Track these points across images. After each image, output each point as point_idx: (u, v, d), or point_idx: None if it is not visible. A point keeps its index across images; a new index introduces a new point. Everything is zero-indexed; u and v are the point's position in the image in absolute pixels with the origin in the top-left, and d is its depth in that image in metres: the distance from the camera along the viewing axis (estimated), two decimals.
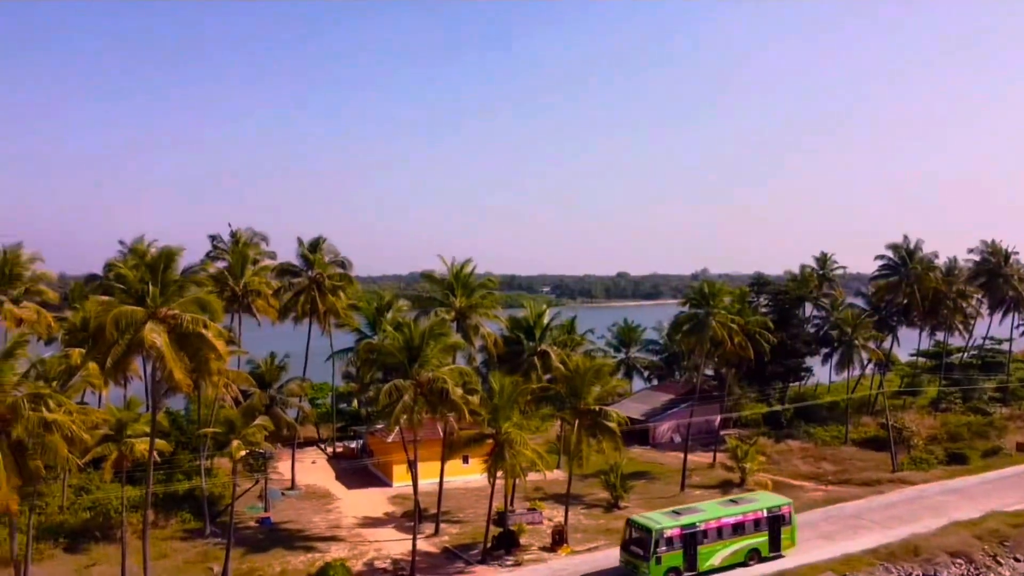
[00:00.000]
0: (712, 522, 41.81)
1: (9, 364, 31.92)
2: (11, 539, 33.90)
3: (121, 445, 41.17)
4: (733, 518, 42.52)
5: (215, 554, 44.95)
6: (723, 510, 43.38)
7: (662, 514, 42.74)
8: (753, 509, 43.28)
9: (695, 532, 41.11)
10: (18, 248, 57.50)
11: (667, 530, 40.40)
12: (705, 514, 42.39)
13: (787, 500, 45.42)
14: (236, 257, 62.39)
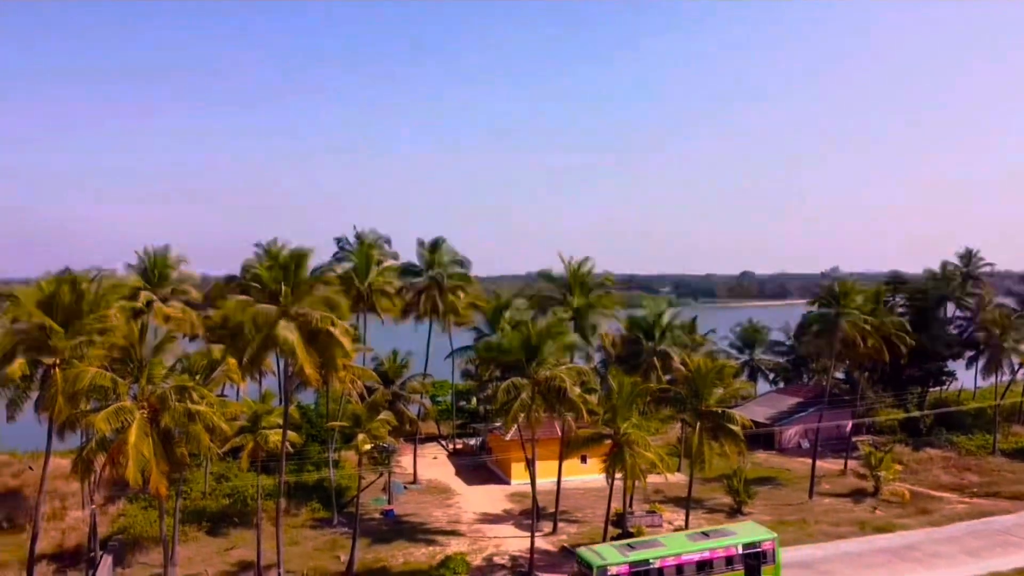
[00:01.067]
0: (670, 559, 36.91)
1: (159, 358, 34.34)
2: (161, 520, 36.42)
3: (256, 436, 43.47)
4: (698, 554, 37.51)
5: (342, 543, 46.74)
6: (688, 544, 38.34)
7: (612, 547, 38.26)
8: (725, 544, 38.32)
9: (648, 570, 36.28)
10: (166, 251, 61.75)
11: (611, 567, 35.76)
12: (664, 549, 37.56)
13: (771, 535, 39.82)
14: (361, 258, 64.66)
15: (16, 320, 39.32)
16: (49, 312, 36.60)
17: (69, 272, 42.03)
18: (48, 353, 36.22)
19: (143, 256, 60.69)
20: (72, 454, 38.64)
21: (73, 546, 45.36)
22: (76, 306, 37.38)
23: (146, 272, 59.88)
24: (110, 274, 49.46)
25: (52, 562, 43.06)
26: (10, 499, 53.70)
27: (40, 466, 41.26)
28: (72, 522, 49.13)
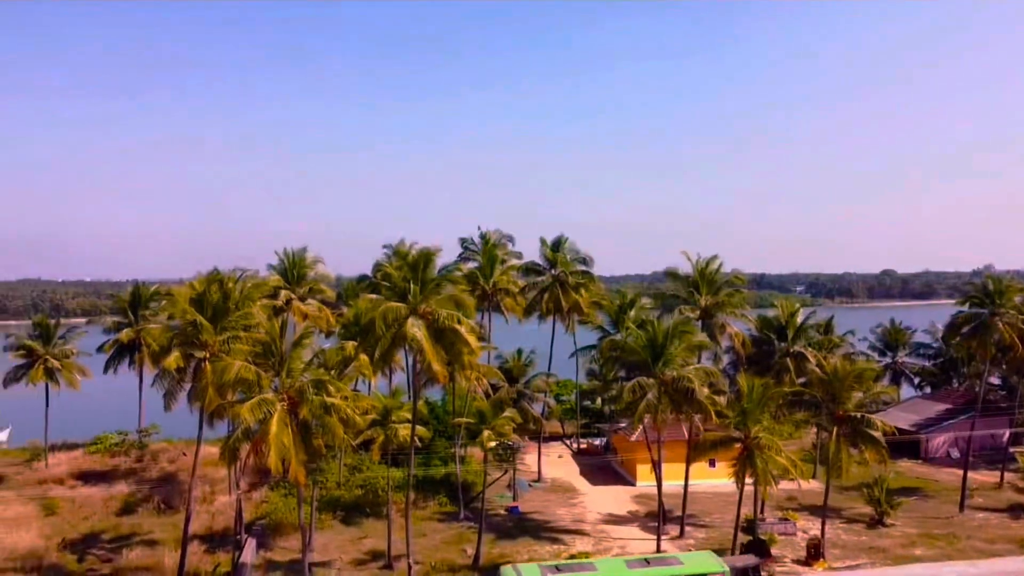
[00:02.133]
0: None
1: (297, 353, 36.10)
2: (299, 508, 38.33)
3: (387, 430, 44.95)
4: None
5: (468, 537, 47.59)
6: (624, 571, 34.30)
7: (539, 567, 35.13)
8: (674, 574, 34.20)
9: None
10: (303, 252, 65.00)
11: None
12: (593, 574, 34.02)
13: (723, 568, 35.22)
14: (485, 258, 65.64)
15: (172, 317, 42.51)
16: (200, 309, 39.29)
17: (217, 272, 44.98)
18: (199, 347, 38.89)
19: (283, 257, 64.10)
20: (220, 442, 41.26)
21: (221, 528, 48.49)
22: (224, 304, 39.95)
23: (285, 272, 63.22)
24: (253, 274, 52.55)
25: (203, 542, 46.18)
26: (167, 483, 58.06)
27: (193, 453, 44.37)
28: (220, 506, 52.51)
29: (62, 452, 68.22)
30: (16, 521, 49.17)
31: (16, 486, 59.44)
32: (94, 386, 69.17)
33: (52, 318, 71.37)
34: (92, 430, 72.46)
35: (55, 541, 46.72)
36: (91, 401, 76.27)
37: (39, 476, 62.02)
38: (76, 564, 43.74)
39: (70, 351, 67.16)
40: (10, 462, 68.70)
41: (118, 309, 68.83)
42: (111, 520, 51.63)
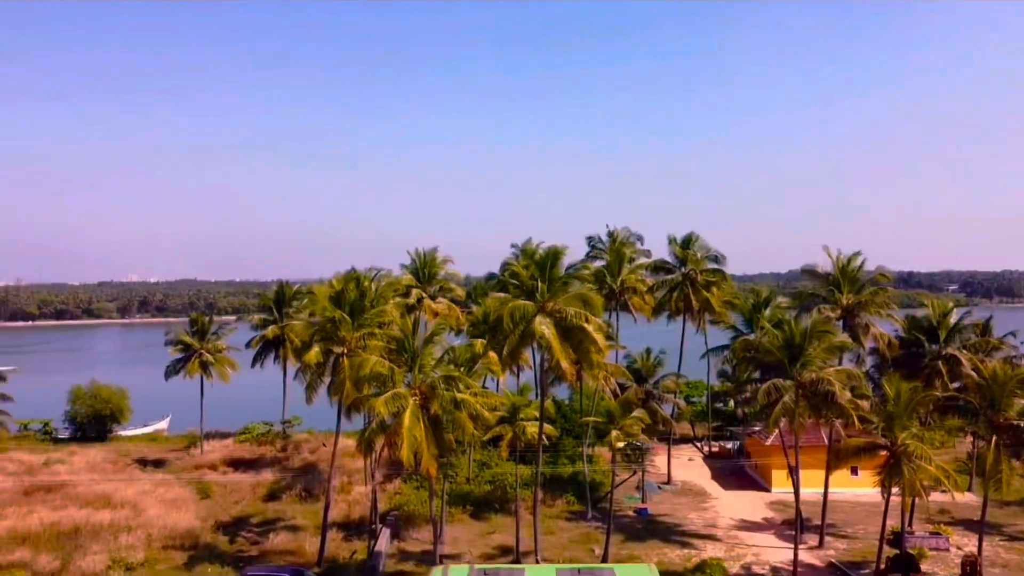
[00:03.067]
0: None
1: (429, 350, 37.06)
2: (431, 500, 39.33)
3: (515, 427, 45.34)
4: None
5: (596, 537, 47.28)
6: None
7: (470, 569, 33.83)
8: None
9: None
10: (434, 252, 66.72)
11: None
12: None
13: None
14: (613, 256, 65.02)
15: (313, 314, 44.68)
16: (339, 306, 41.09)
17: (354, 272, 46.85)
18: (338, 343, 40.66)
19: (415, 257, 66.04)
20: (357, 434, 42.93)
21: (358, 517, 50.48)
22: (360, 302, 41.62)
23: (417, 272, 65.10)
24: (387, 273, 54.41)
25: (341, 530, 48.24)
26: (308, 472, 61.05)
27: (332, 444, 46.43)
28: (356, 496, 54.67)
29: (215, 440, 73.23)
30: (176, 502, 53.06)
31: (176, 470, 64.27)
32: (243, 379, 73.83)
33: (206, 315, 76.68)
34: (241, 420, 77.34)
35: (209, 523, 50.12)
36: (240, 393, 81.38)
37: (195, 462, 66.81)
38: (228, 545, 46.73)
39: (222, 346, 72.00)
40: (170, 448, 74.43)
41: (264, 307, 73.04)
42: (258, 505, 54.87)
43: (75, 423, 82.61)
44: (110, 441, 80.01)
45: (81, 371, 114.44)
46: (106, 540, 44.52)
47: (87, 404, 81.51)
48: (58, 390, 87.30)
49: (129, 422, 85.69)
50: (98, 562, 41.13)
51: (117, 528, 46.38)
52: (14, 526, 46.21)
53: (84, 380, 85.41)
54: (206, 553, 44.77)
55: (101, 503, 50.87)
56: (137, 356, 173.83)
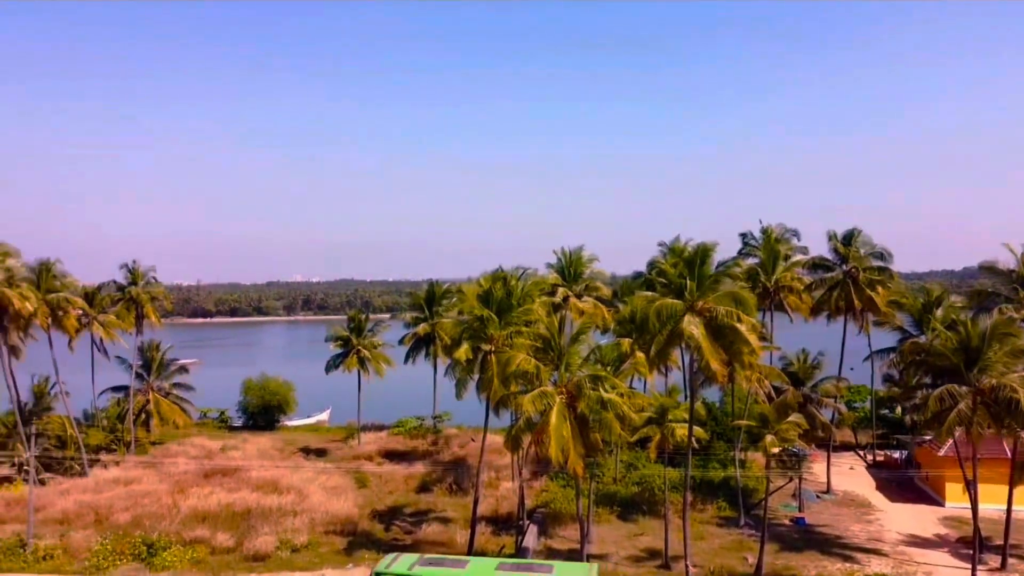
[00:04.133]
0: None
1: (575, 348, 37.02)
2: (577, 499, 39.26)
3: (663, 428, 44.45)
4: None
5: (749, 545, 45.52)
6: (480, 573, 33.05)
7: (411, 557, 35.12)
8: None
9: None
10: (579, 250, 66.61)
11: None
12: (447, 570, 33.27)
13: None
14: (767, 253, 62.35)
15: (461, 312, 45.77)
16: (486, 305, 41.85)
17: (501, 271, 47.55)
18: (486, 341, 41.41)
19: (560, 256, 66.23)
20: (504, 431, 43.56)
21: (505, 512, 51.25)
22: (507, 300, 42.18)
23: (563, 270, 65.25)
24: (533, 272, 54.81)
25: (489, 524, 49.14)
26: (458, 466, 62.67)
27: (480, 440, 47.38)
28: (504, 491, 55.53)
29: (371, 432, 76.79)
30: (336, 490, 55.99)
31: (336, 460, 67.89)
32: (396, 374, 76.91)
33: (363, 313, 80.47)
34: (395, 414, 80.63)
35: (366, 511, 52.53)
36: (394, 388, 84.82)
37: (354, 452, 70.35)
38: (383, 533, 48.78)
39: (377, 343, 75.36)
40: (331, 438, 78.77)
41: (416, 305, 75.65)
42: (411, 496, 56.94)
43: (247, 413, 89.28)
44: (277, 430, 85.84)
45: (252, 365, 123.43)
46: (274, 522, 47.61)
47: (258, 395, 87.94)
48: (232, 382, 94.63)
49: (294, 413, 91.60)
50: (268, 543, 44.03)
51: (284, 512, 49.50)
52: (196, 505, 50.35)
53: (255, 373, 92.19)
54: (363, 539, 46.91)
55: (270, 488, 54.48)
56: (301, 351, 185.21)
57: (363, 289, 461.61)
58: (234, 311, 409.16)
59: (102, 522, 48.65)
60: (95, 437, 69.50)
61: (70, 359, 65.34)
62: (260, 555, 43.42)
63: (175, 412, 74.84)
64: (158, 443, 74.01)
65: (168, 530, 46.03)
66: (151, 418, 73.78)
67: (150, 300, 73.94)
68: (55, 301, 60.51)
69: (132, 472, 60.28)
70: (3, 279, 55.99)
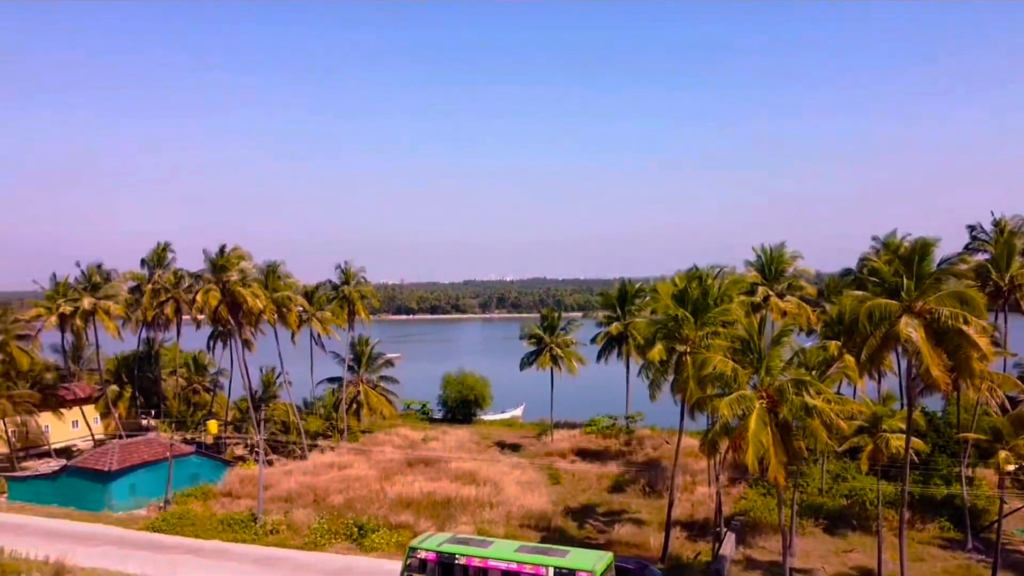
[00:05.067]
0: (477, 560, 34.90)
1: (776, 351, 35.16)
2: (779, 509, 37.34)
3: (876, 439, 41.28)
4: (507, 564, 34.45)
5: (977, 571, 41.11)
6: (507, 553, 35.13)
7: (444, 536, 38.08)
8: (537, 562, 34.06)
9: (452, 564, 35.23)
10: (781, 247, 63.31)
11: (422, 551, 35.99)
12: (478, 549, 35.56)
13: (589, 566, 33.42)
14: (1000, 248, 55.92)
15: (655, 312, 45.04)
16: (681, 304, 40.87)
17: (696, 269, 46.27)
18: (680, 341, 40.46)
19: (760, 253, 63.35)
20: (700, 434, 42.38)
21: (701, 518, 49.81)
22: (703, 300, 40.95)
23: (763, 268, 62.36)
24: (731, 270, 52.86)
25: (684, 529, 47.99)
26: (651, 468, 61.84)
27: (675, 442, 46.41)
28: (700, 496, 54.01)
29: (563, 429, 77.68)
30: (530, 484, 57.15)
31: (529, 455, 69.33)
32: (588, 373, 77.24)
33: (555, 312, 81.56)
34: (587, 412, 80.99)
35: (559, 507, 53.14)
36: (586, 386, 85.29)
37: (547, 449, 71.49)
38: (577, 530, 49.11)
39: (569, 341, 76.06)
40: (524, 434, 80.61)
41: (607, 304, 75.55)
42: (603, 495, 56.89)
43: (446, 406, 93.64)
44: (474, 424, 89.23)
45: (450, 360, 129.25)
46: (472, 512, 49.45)
47: (456, 390, 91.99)
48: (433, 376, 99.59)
49: (490, 408, 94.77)
50: (465, 531, 45.78)
51: (481, 503, 51.27)
52: (401, 492, 53.41)
53: (453, 368, 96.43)
54: (557, 535, 47.48)
55: (468, 479, 56.65)
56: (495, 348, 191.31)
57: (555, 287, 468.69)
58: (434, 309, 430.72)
59: (319, 502, 52.89)
60: (313, 424, 75.75)
61: (292, 352, 71.69)
62: None
63: (382, 403, 79.94)
64: (367, 431, 79.42)
65: (376, 514, 49.15)
66: (361, 408, 79.37)
67: (360, 298, 79.45)
68: (280, 299, 66.60)
69: (344, 457, 65.11)
70: (238, 279, 62.51)
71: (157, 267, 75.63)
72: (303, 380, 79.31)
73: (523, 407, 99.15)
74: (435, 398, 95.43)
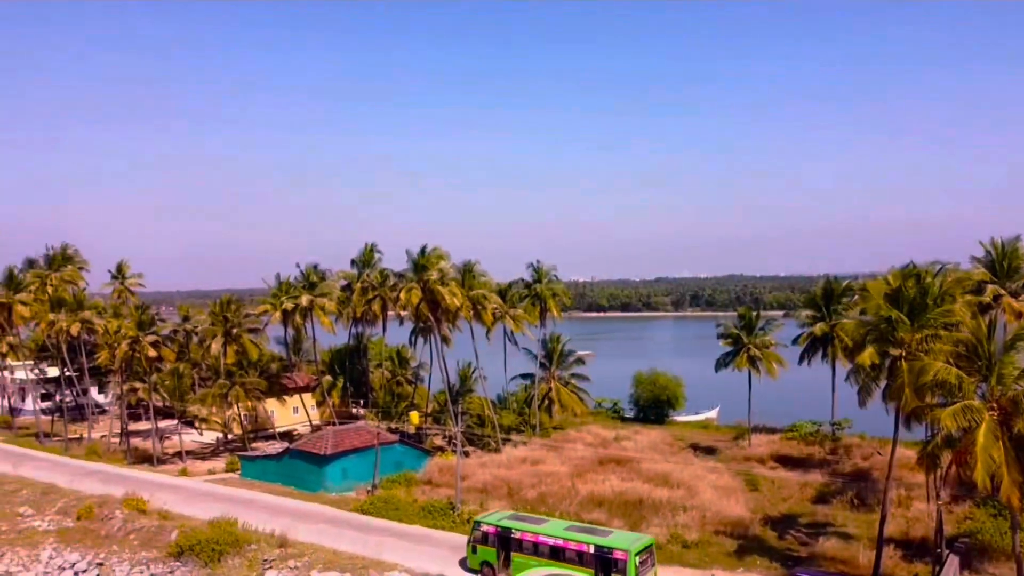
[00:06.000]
0: (528, 535, 39.02)
1: (1010, 358, 31.54)
2: (1013, 534, 33.41)
3: None
4: (554, 540, 38.10)
5: None
6: (557, 531, 38.83)
7: (505, 512, 43.05)
8: (580, 540, 37.42)
9: (509, 537, 39.47)
10: (1015, 242, 56.59)
11: (484, 525, 40.33)
12: (533, 526, 39.64)
13: (627, 546, 36.13)
14: None
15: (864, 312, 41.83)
16: (895, 305, 37.65)
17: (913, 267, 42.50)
18: (894, 344, 37.27)
19: (990, 248, 57.15)
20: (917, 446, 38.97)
21: (918, 536, 45.65)
22: (921, 300, 37.46)
23: (993, 265, 56.20)
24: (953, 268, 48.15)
25: (898, 547, 44.17)
26: (860, 479, 57.66)
27: (887, 452, 42.88)
28: (917, 513, 49.50)
29: (762, 434, 74.33)
30: (726, 490, 55.18)
31: (725, 459, 67.02)
32: (789, 376, 73.27)
33: (753, 310, 78.10)
34: (787, 417, 77.01)
35: (758, 515, 50.83)
36: (786, 389, 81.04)
37: (744, 453, 68.76)
38: (776, 540, 46.76)
39: (769, 342, 72.53)
40: (719, 437, 78.07)
41: (811, 303, 71.39)
42: (806, 506, 53.73)
43: (637, 405, 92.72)
44: (666, 424, 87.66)
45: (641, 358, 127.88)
46: (664, 515, 48.53)
47: (647, 389, 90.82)
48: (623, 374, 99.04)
49: (683, 408, 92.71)
50: (659, 535, 45.03)
51: (674, 506, 50.20)
52: (592, 490, 53.54)
53: (644, 367, 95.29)
54: (754, 545, 45.50)
55: (660, 481, 55.72)
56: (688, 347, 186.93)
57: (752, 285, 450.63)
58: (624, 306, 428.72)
59: (512, 495, 54.27)
60: (506, 418, 77.90)
61: (487, 348, 74.16)
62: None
63: (573, 400, 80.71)
64: (558, 428, 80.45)
65: (568, 511, 49.62)
66: (553, 404, 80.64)
67: (552, 296, 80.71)
68: (476, 297, 69.14)
69: (536, 452, 66.38)
70: (437, 278, 65.64)
71: (365, 267, 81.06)
72: (497, 375, 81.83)
73: (718, 409, 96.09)
74: (626, 397, 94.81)
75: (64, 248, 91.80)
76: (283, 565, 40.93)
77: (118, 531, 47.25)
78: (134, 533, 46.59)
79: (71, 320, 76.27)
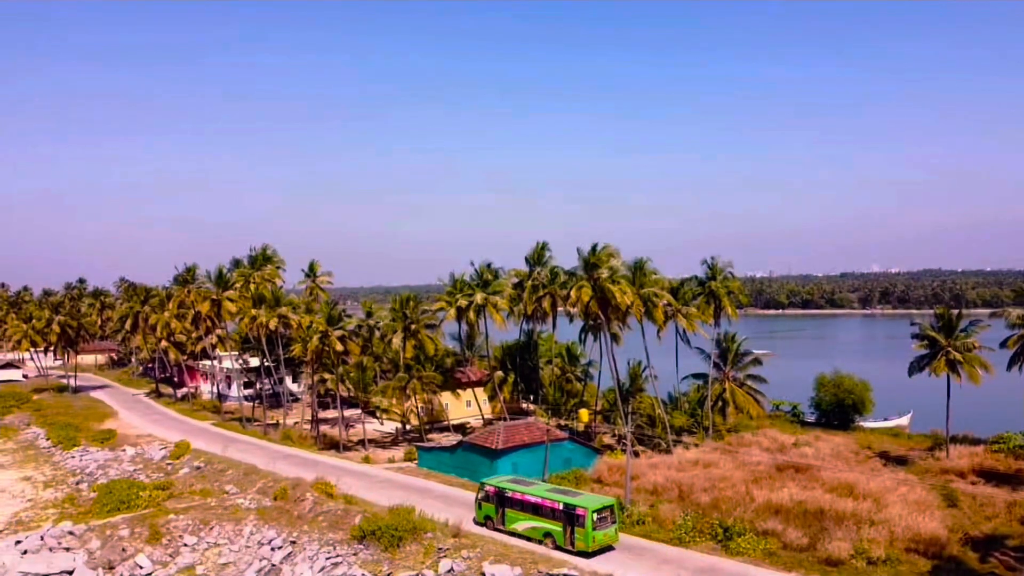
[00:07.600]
0: (517, 494, 46.49)
1: None
2: None
3: None
4: (534, 498, 45.55)
5: None
6: (539, 491, 46.45)
7: (505, 477, 51.09)
8: (552, 498, 44.95)
9: (503, 496, 47.06)
10: None
11: (488, 485, 48.39)
12: (522, 487, 47.31)
13: (585, 504, 43.64)
14: None
15: None
16: None
17: None
18: None
19: None
20: None
21: None
22: None
23: None
24: None
25: None
26: None
27: None
28: None
29: (962, 445, 67.84)
30: (919, 504, 50.77)
31: (918, 471, 61.77)
32: (997, 381, 66.19)
33: (953, 309, 71.28)
34: (993, 427, 69.90)
35: (957, 534, 46.43)
36: (993, 397, 73.41)
37: (940, 466, 63.04)
38: (977, 563, 42.52)
39: (972, 344, 65.87)
40: (912, 446, 72.09)
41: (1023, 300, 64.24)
42: (1014, 527, 48.40)
43: (819, 409, 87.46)
44: (851, 431, 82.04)
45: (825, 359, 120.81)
46: (848, 528, 45.37)
47: (831, 392, 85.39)
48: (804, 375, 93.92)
49: (870, 414, 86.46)
50: (842, 548, 42.23)
51: (859, 519, 46.91)
52: (769, 497, 51.10)
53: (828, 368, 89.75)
54: (952, 566, 41.64)
55: (844, 491, 52.30)
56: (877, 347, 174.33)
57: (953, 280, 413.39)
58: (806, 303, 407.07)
59: (684, 498, 52.99)
60: (678, 419, 76.16)
61: (658, 347, 72.84)
62: (833, 560, 41.85)
63: (749, 402, 77.65)
64: (733, 431, 77.54)
65: (742, 517, 47.71)
66: (727, 406, 77.96)
67: (727, 294, 77.91)
68: (646, 295, 68.12)
69: (709, 455, 64.41)
70: (607, 276, 65.35)
71: (536, 264, 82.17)
72: (668, 375, 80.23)
73: (910, 416, 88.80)
74: (807, 400, 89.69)
75: (264, 249, 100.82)
76: (456, 555, 42.29)
77: (309, 512, 50.83)
78: (322, 515, 49.91)
79: (270, 315, 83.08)
